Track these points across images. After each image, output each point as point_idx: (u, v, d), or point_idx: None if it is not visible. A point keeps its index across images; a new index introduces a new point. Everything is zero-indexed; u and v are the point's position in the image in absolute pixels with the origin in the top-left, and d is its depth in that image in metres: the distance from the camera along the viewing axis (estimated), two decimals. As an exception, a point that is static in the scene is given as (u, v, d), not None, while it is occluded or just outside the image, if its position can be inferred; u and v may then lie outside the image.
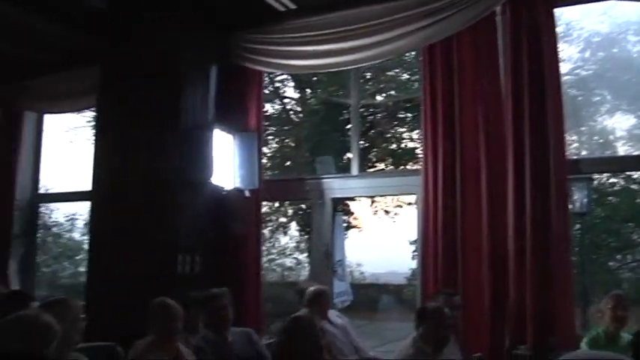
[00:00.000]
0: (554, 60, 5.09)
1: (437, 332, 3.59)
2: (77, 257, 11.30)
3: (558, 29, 5.28)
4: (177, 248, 5.37)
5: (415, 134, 11.41)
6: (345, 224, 10.72)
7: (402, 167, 11.49)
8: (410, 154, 11.48)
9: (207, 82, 5.84)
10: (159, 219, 5.40)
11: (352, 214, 12.17)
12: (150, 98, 5.59)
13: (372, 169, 11.37)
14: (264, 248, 11.85)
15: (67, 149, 11.87)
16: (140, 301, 4.04)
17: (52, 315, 2.75)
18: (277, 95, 11.99)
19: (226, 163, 5.92)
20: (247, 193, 5.96)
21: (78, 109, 8.80)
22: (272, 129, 11.87)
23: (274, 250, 12.49)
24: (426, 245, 5.30)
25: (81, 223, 10.82)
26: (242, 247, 5.95)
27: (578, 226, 8.80)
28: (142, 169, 5.53)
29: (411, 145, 11.73)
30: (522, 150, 4.92)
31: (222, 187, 5.89)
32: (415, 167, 8.46)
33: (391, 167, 11.50)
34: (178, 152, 5.47)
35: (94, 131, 8.29)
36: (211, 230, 5.75)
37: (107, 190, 5.79)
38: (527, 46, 5.01)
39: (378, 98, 11.56)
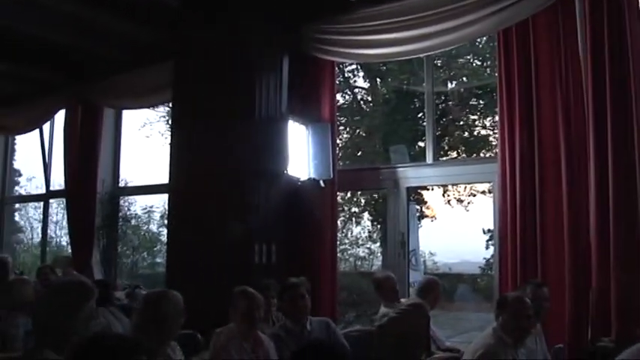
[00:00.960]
0: (637, 38, 4.88)
1: (517, 322, 3.52)
2: (155, 248, 11.59)
3: (640, 6, 5.06)
4: (253, 237, 5.46)
5: (488, 121, 11.19)
6: (418, 214, 10.64)
7: (475, 155, 11.30)
8: (483, 142, 11.26)
9: (280, 74, 5.92)
10: (236, 209, 5.51)
11: (425, 203, 12.05)
12: (224, 91, 5.69)
13: (444, 158, 11.22)
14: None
15: (143, 144, 12.20)
16: (218, 290, 4.14)
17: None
18: (348, 85, 11.98)
19: (301, 153, 5.99)
20: (322, 183, 6.01)
21: (154, 105, 9.08)
22: (343, 119, 11.86)
23: (347, 240, 12.45)
24: (503, 234, 5.20)
25: (157, 215, 11.10)
26: (317, 236, 6.01)
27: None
28: (217, 162, 5.65)
29: (483, 132, 11.51)
30: (604, 135, 4.73)
31: (298, 178, 5.97)
32: (489, 155, 8.33)
33: (464, 155, 11.32)
34: (253, 144, 5.57)
35: (168, 126, 8.53)
36: (287, 220, 5.83)
37: (183, 183, 5.94)
38: (608, 26, 4.81)
39: (450, 86, 11.38)
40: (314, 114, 6.14)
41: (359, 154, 11.83)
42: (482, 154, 11.07)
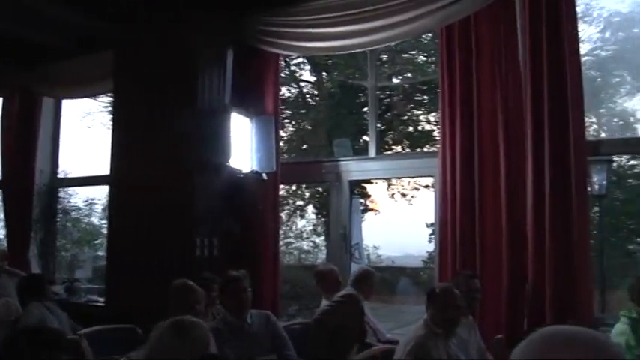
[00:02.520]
0: (574, 40, 5.02)
1: (446, 313, 3.58)
2: (96, 241, 11.39)
3: (578, 9, 5.20)
4: (195, 231, 5.40)
5: (432, 117, 11.36)
6: (361, 207, 10.72)
7: (419, 150, 11.44)
8: (427, 137, 11.43)
9: (223, 66, 5.85)
10: (177, 202, 5.44)
11: (369, 196, 12.16)
12: (166, 82, 5.61)
13: (388, 152, 11.33)
14: (281, 231, 11.97)
15: (84, 134, 11.95)
16: (159, 284, 4.08)
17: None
18: (294, 79, 11.97)
19: (243, 146, 5.94)
20: (264, 176, 5.98)
21: (94, 95, 8.87)
22: (288, 112, 11.85)
23: (291, 234, 12.49)
24: (443, 228, 5.28)
25: (99, 207, 10.89)
26: (260, 229, 5.99)
27: (596, 208, 8.72)
28: (159, 153, 5.57)
29: (427, 127, 11.68)
30: (541, 132, 4.85)
31: (240, 171, 5.92)
32: (432, 150, 8.45)
33: (408, 150, 11.45)
34: (195, 136, 5.50)
35: (110, 116, 8.35)
36: (229, 213, 5.78)
37: (124, 175, 5.83)
38: (546, 27, 4.93)
39: (395, 80, 11.49)
40: (258, 106, 6.10)
41: (304, 147, 11.86)
42: (426, 149, 11.22)
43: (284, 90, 11.59)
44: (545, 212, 4.78)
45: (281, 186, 6.37)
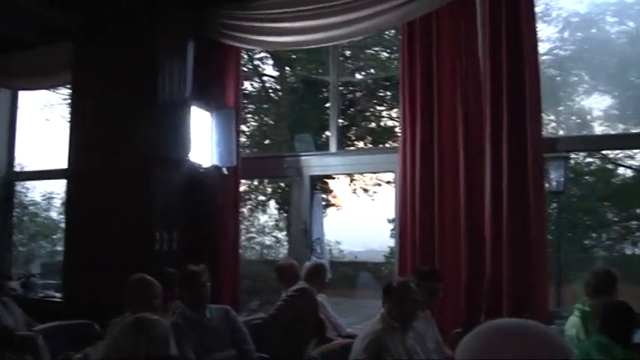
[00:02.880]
0: (533, 39, 5.11)
1: (403, 307, 3.60)
2: (54, 236, 11.22)
3: (537, 9, 5.29)
4: (154, 225, 5.35)
5: (394, 113, 11.42)
6: (323, 202, 10.73)
7: (380, 145, 11.50)
8: (389, 133, 11.48)
9: (184, 59, 5.80)
10: (136, 196, 5.38)
11: (331, 192, 12.19)
12: (126, 75, 5.54)
13: (351, 148, 11.37)
14: (243, 226, 11.91)
15: (43, 127, 11.72)
16: (117, 279, 4.02)
17: None
18: (256, 73, 11.91)
19: (204, 140, 5.89)
20: (225, 171, 5.94)
21: (52, 86, 8.70)
22: (251, 107, 11.80)
23: (253, 229, 12.47)
24: (403, 223, 5.32)
25: (58, 201, 10.73)
26: (220, 224, 5.95)
27: (554, 204, 8.87)
28: (118, 147, 5.50)
29: (390, 123, 11.73)
30: (500, 128, 4.93)
31: (200, 165, 5.87)
32: (394, 145, 8.51)
33: (370, 146, 11.50)
34: (155, 129, 5.44)
35: (69, 109, 8.19)
36: (189, 207, 5.74)
37: (82, 168, 5.74)
38: (505, 26, 5.00)
39: (358, 76, 11.52)
40: (218, 100, 6.05)
41: (267, 142, 11.82)
42: (388, 145, 11.28)
43: (247, 84, 11.55)
44: (502, 208, 4.86)
45: (243, 181, 6.34)
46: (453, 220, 5.07)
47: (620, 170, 12.10)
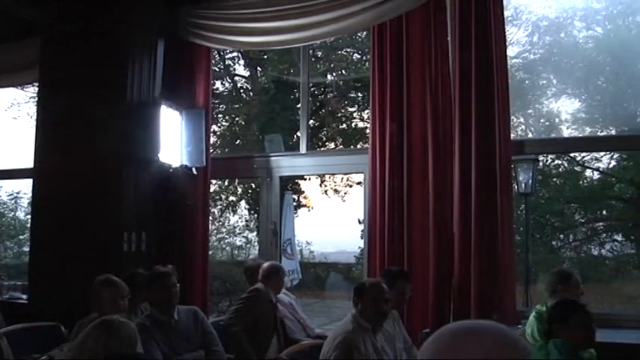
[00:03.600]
0: (502, 43, 5.17)
1: (376, 307, 3.61)
2: (21, 237, 11.05)
3: (507, 12, 5.38)
4: (122, 225, 5.30)
5: (366, 114, 11.48)
6: (295, 203, 10.74)
7: (351, 147, 11.54)
8: (360, 134, 11.54)
9: (154, 58, 5.75)
10: (104, 196, 5.33)
11: (302, 193, 12.22)
12: (95, 73, 5.48)
13: (323, 149, 11.39)
14: (213, 227, 11.89)
15: (10, 126, 11.55)
16: (85, 280, 3.98)
17: None
18: (228, 73, 11.88)
19: (173, 140, 5.85)
20: (195, 171, 5.91)
21: (19, 84, 8.57)
22: (222, 107, 11.76)
23: (224, 229, 12.44)
24: (372, 224, 5.35)
25: (26, 201, 10.57)
26: (189, 225, 5.91)
27: (522, 206, 8.99)
28: (86, 146, 5.44)
29: (361, 125, 11.79)
30: (468, 131, 4.99)
31: (170, 165, 5.83)
32: (365, 147, 8.55)
33: (341, 147, 11.54)
34: (124, 128, 5.39)
35: (36, 107, 8.07)
36: (158, 208, 5.70)
37: (49, 168, 5.66)
38: (475, 29, 5.06)
39: (329, 77, 11.55)
40: (188, 100, 6.02)
41: (238, 142, 11.79)
42: (359, 146, 11.32)
43: (218, 84, 11.53)
44: (471, 210, 4.92)
45: (214, 181, 6.31)
46: (421, 222, 5.11)
47: (588, 173, 12.36)
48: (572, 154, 11.43)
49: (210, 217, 6.34)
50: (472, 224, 4.90)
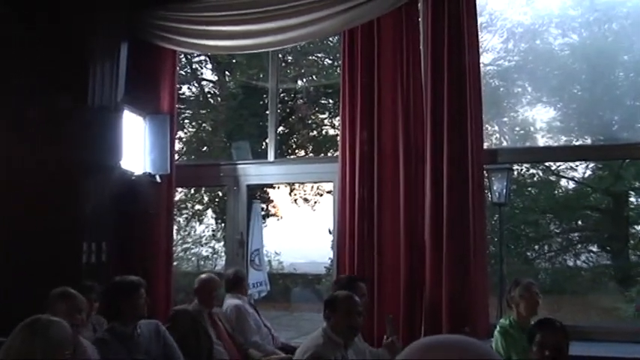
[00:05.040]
0: (475, 49, 5.26)
1: (349, 321, 3.61)
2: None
3: (482, 19, 5.47)
4: (81, 236, 5.24)
5: (337, 121, 11.52)
6: (263, 212, 10.71)
7: (321, 155, 11.57)
8: (331, 142, 11.55)
9: (116, 61, 5.69)
10: (62, 205, 5.25)
11: (271, 202, 12.20)
12: (54, 76, 5.40)
13: (292, 156, 11.40)
14: (179, 237, 11.80)
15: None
16: (42, 293, 3.92)
17: None
18: (195, 77, 11.84)
19: (136, 146, 5.82)
20: (158, 179, 5.87)
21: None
22: (188, 112, 11.70)
23: (190, 239, 12.35)
24: (341, 233, 5.38)
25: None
26: (152, 235, 5.87)
27: (496, 216, 9.06)
28: (44, 153, 5.35)
29: (332, 132, 11.81)
30: (440, 139, 5.05)
31: (132, 172, 5.78)
32: (335, 155, 8.58)
33: (312, 154, 11.55)
34: (84, 134, 5.31)
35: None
36: (120, 217, 5.63)
37: (4, 175, 5.56)
38: (448, 34, 5.14)
39: (300, 83, 11.57)
40: (153, 105, 5.99)
41: (205, 149, 11.73)
42: (330, 154, 11.34)
43: (184, 89, 11.48)
44: (442, 220, 4.98)
45: (179, 189, 6.28)
46: (392, 232, 5.15)
47: (563, 182, 12.49)
48: (547, 164, 11.54)
49: (176, 227, 6.29)
50: (444, 234, 4.96)
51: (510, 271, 10.01)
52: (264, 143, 9.73)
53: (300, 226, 12.50)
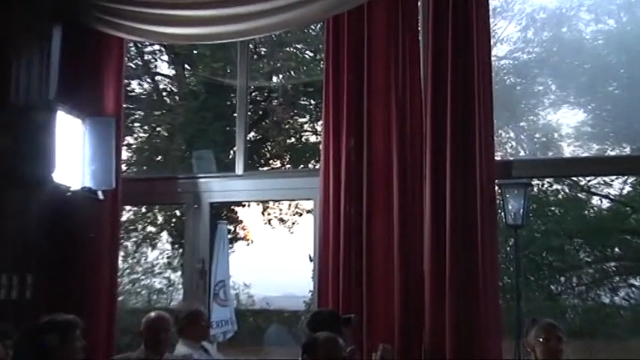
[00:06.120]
0: (486, 39, 5.30)
1: None
2: None
3: (495, 2, 5.49)
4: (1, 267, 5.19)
5: (319, 126, 11.52)
6: (230, 236, 10.69)
7: (302, 166, 11.57)
8: (312, 151, 11.49)
9: (47, 51, 5.68)
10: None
11: (240, 223, 12.17)
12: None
13: (265, 168, 11.38)
14: (125, 265, 11.70)
15: None
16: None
17: None
18: (147, 71, 11.81)
19: (74, 155, 5.79)
20: (101, 195, 5.85)
21: None
22: (138, 114, 11.66)
23: (139, 268, 12.29)
24: (324, 261, 5.37)
25: None
26: (92, 263, 5.84)
27: (512, 241, 9.08)
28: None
29: (313, 139, 11.79)
30: (443, 148, 5.08)
31: (67, 187, 5.76)
32: (316, 167, 8.59)
33: (289, 166, 11.55)
34: (6, 140, 5.28)
35: None
36: (50, 242, 5.60)
37: None
38: (453, 22, 5.17)
39: (275, 80, 11.57)
40: (94, 104, 5.98)
41: (159, 159, 11.69)
42: (311, 166, 11.32)
43: (134, 85, 11.42)
44: (445, 245, 4.99)
45: (127, 208, 6.26)
46: (384, 261, 5.15)
47: (595, 200, 12.42)
48: (575, 178, 11.47)
49: (122, 254, 6.26)
50: (447, 263, 4.96)
51: (530, 309, 9.98)
52: (231, 152, 9.71)
53: (275, 252, 12.46)
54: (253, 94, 11.00)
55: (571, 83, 10.96)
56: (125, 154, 6.96)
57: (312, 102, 11.57)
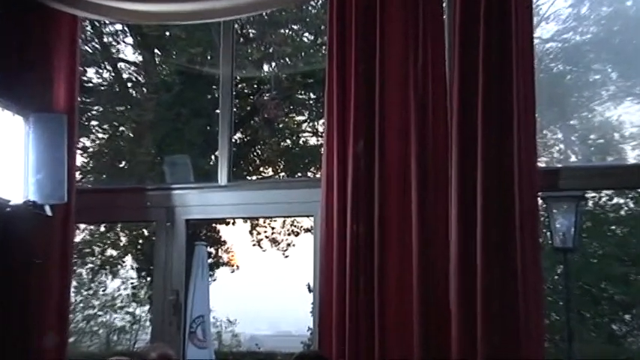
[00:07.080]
0: (527, 18, 5.31)
1: None
2: None
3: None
4: None
5: (320, 126, 11.56)
6: (210, 260, 10.73)
7: (299, 175, 11.60)
8: (312, 156, 11.51)
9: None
10: None
11: (223, 244, 12.19)
12: None
13: (254, 177, 11.42)
14: (79, 298, 11.72)
15: None
16: None
17: None
18: (108, 57, 11.86)
19: (14, 161, 5.83)
20: (49, 211, 5.88)
21: None
22: (98, 109, 11.71)
23: (96, 301, 12.31)
24: (326, 291, 5.37)
25: None
26: (37, 295, 5.86)
27: (561, 267, 9.08)
28: None
29: (313, 141, 11.83)
30: (472, 153, 5.07)
31: (7, 201, 5.79)
32: (317, 175, 8.61)
33: (283, 175, 11.58)
34: None
35: None
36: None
37: None
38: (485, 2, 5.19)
39: (266, 69, 11.61)
40: (41, 97, 6.03)
41: (123, 165, 11.74)
42: (310, 174, 11.37)
43: (91, 73, 11.47)
44: (476, 275, 4.96)
45: (83, 226, 6.27)
46: (400, 292, 5.15)
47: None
48: (640, 189, 11.44)
49: (75, 283, 6.25)
50: (477, 295, 4.95)
51: (586, 353, 9.96)
52: (212, 158, 9.76)
53: (266, 281, 12.50)
54: (240, 85, 11.03)
55: (636, 71, 10.90)
56: (80, 160, 6.95)
57: (312, 96, 11.61)
